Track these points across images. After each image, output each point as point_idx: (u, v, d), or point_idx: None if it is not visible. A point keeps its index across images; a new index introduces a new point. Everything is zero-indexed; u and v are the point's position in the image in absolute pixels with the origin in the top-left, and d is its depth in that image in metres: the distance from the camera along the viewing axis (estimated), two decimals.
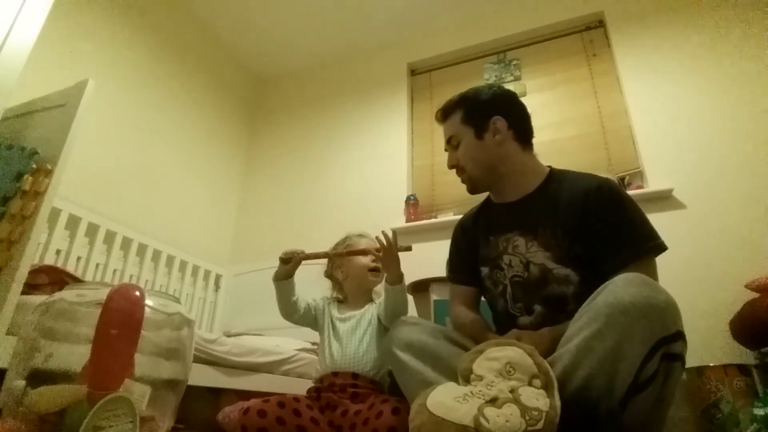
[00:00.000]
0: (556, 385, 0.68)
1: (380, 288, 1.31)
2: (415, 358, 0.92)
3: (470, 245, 1.14)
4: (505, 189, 1.10)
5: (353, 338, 1.20)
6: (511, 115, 1.09)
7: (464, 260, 1.16)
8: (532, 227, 1.01)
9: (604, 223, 0.92)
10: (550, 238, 0.97)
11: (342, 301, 1.34)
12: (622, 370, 0.68)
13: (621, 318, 0.68)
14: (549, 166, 1.12)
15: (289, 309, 1.27)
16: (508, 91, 1.14)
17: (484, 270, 1.09)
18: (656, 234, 0.92)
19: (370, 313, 1.25)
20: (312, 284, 1.41)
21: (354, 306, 1.29)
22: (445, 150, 1.17)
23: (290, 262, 1.23)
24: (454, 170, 1.15)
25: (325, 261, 1.37)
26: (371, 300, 1.32)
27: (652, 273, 0.88)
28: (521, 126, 1.10)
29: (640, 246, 0.90)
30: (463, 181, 1.15)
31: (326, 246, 1.37)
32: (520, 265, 1.00)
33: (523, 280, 1.00)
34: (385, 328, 1.17)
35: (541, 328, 0.92)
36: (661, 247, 0.91)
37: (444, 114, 1.15)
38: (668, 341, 0.68)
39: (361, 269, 1.30)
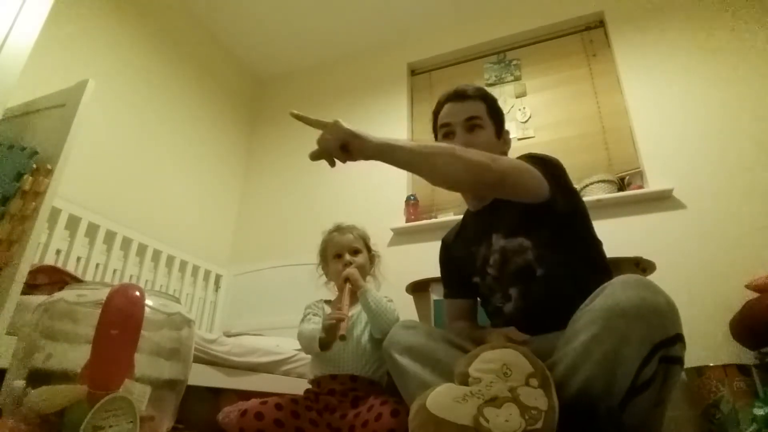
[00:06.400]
0: (553, 383, 0.68)
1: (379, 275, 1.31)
2: (414, 362, 0.92)
3: (456, 260, 1.16)
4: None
5: (352, 338, 1.17)
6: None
7: (454, 275, 1.17)
8: (501, 222, 1.03)
9: None
10: (509, 223, 1.00)
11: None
12: (620, 374, 0.67)
13: (619, 321, 0.67)
14: None
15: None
16: None
17: (476, 279, 1.09)
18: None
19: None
20: (307, 285, 1.41)
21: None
22: (440, 132, 1.10)
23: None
24: None
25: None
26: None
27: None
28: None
29: None
30: None
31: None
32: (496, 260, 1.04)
33: (496, 270, 1.02)
34: None
35: (523, 309, 0.95)
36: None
37: (466, 94, 1.10)
38: (667, 344, 0.68)
39: (336, 278, 1.27)
